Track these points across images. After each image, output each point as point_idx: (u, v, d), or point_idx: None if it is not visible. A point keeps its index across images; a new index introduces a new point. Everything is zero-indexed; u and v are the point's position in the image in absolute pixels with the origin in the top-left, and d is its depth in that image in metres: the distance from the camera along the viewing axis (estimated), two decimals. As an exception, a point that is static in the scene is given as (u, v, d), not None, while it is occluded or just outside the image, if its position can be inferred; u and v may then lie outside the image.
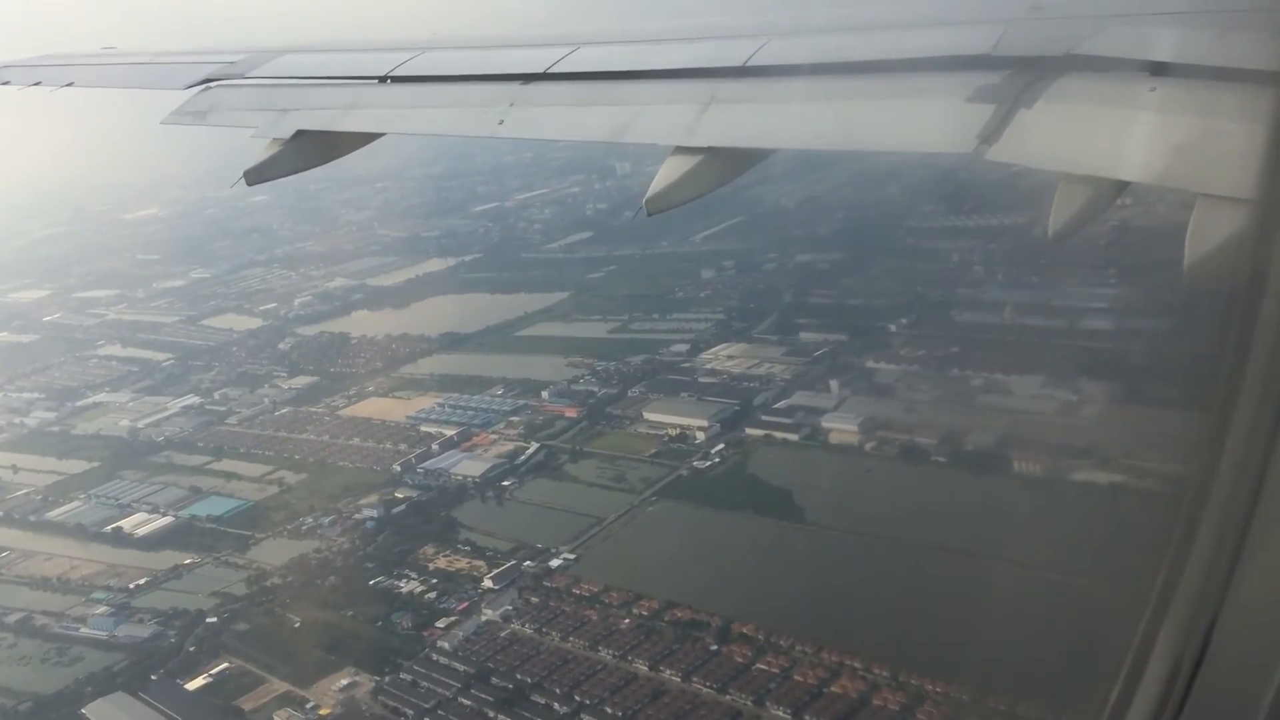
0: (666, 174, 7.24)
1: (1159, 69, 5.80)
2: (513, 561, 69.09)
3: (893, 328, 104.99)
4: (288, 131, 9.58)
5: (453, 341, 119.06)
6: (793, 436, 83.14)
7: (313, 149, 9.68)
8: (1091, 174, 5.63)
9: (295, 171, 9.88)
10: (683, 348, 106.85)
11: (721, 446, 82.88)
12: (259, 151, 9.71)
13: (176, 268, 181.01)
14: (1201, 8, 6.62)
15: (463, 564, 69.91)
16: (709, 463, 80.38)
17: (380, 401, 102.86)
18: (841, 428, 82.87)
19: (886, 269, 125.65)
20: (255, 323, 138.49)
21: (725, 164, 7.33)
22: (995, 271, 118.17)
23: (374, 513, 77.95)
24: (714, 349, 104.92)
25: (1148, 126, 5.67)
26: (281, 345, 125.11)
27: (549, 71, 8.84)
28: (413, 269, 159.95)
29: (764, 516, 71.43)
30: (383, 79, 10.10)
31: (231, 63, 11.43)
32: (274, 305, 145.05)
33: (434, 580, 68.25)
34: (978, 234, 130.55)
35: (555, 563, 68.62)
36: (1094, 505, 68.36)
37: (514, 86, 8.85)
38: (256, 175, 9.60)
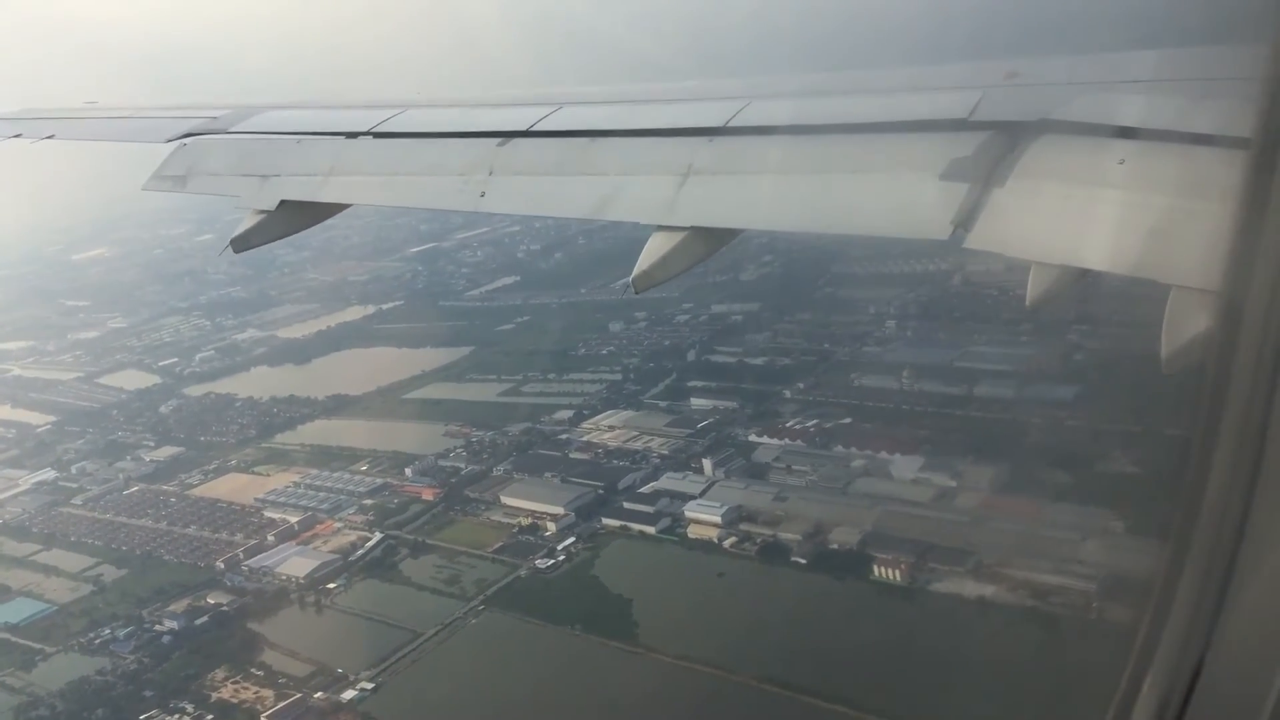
0: (650, 253, 6.80)
1: (1132, 138, 5.62)
2: (300, 694, 59.09)
3: (788, 393, 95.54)
4: (271, 202, 9.13)
5: (338, 405, 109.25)
6: (649, 529, 73.34)
7: (296, 217, 9.20)
8: (1064, 263, 5.38)
9: (280, 238, 9.41)
10: (567, 414, 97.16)
11: (571, 541, 73.08)
12: (243, 219, 9.28)
13: (99, 315, 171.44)
14: (1178, 75, 6.32)
15: (249, 694, 59.93)
16: (552, 562, 70.51)
17: (238, 479, 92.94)
18: (703, 518, 73.08)
19: (798, 323, 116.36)
20: (150, 380, 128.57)
21: (706, 242, 6.88)
22: (908, 326, 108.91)
23: (175, 624, 67.95)
24: (597, 418, 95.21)
25: (1118, 209, 5.43)
26: (163, 408, 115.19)
27: (530, 130, 8.40)
28: (329, 318, 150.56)
29: (592, 634, 61.56)
30: (353, 135, 9.64)
31: (214, 118, 10.98)
32: (175, 360, 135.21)
33: (209, 717, 58.20)
34: (902, 281, 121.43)
35: (349, 695, 58.67)
36: (951, 626, 58.57)
37: (492, 148, 8.40)
38: (242, 243, 9.20)
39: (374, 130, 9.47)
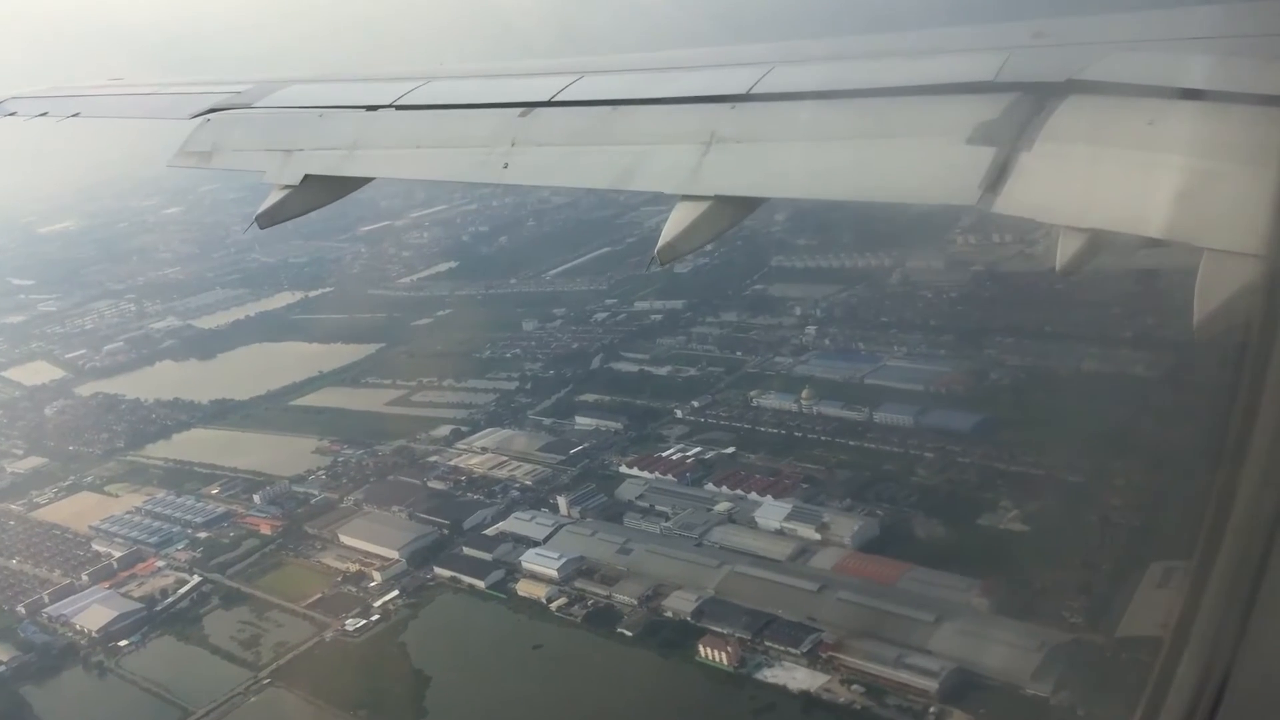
0: (675, 223, 6.45)
1: (1160, 98, 5.35)
2: (31, 790, 51.12)
3: (680, 412, 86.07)
4: (295, 177, 8.82)
5: (219, 411, 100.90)
6: (479, 583, 64.56)
7: (320, 192, 8.86)
8: (1094, 227, 5.08)
9: (305, 213, 8.96)
10: (446, 430, 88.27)
11: (393, 595, 64.43)
12: (269, 193, 8.94)
13: (36, 297, 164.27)
14: (1207, 33, 6.00)
15: (-19, 786, 51.99)
16: (363, 622, 61.85)
17: (86, 499, 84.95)
18: (539, 571, 64.31)
19: (718, 325, 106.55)
20: (52, 375, 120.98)
21: (731, 210, 6.56)
22: (828, 332, 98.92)
23: (-61, 689, 60.12)
24: (473, 437, 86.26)
25: (1148, 171, 5.13)
26: (48, 410, 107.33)
27: (552, 100, 8.05)
28: (254, 305, 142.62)
29: (375, 726, 52.98)
30: (375, 108, 9.32)
31: (237, 93, 10.63)
32: (83, 353, 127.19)
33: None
34: (840, 277, 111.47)
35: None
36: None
37: (514, 119, 8.02)
38: (268, 219, 8.85)
39: (396, 103, 9.15)
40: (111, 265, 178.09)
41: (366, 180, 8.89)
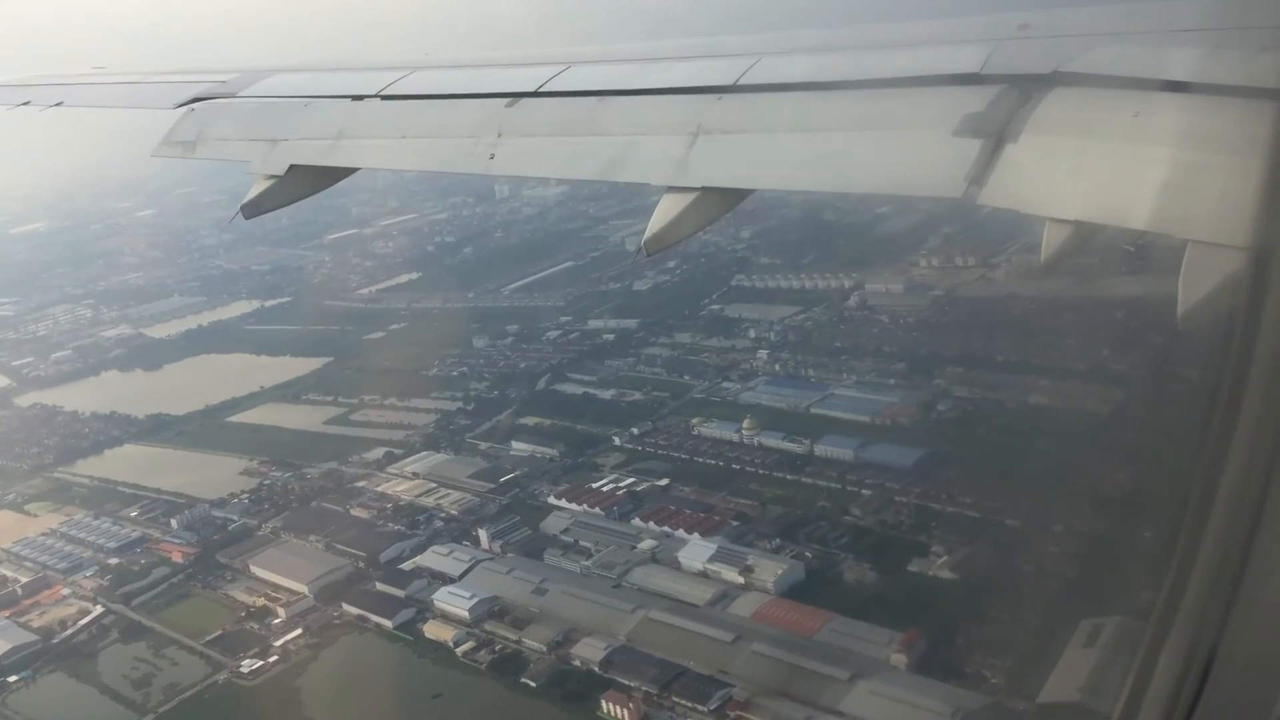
0: (662, 214, 6.44)
1: (1145, 90, 5.29)
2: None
3: (618, 439, 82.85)
4: (280, 167, 8.69)
5: (155, 427, 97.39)
6: (387, 622, 61.28)
7: (306, 182, 8.72)
8: (1080, 219, 5.03)
9: (290, 203, 8.83)
10: (379, 453, 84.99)
11: (296, 634, 61.09)
12: (254, 183, 8.79)
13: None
14: (1193, 25, 6.00)
15: None
16: (259, 664, 58.49)
17: (5, 518, 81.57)
18: (450, 611, 61.14)
19: (670, 346, 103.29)
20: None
21: (717, 202, 6.54)
22: (778, 358, 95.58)
23: None
24: (405, 461, 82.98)
25: (1133, 162, 5.08)
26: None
27: (539, 90, 8.00)
28: (209, 314, 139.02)
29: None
30: (360, 97, 9.07)
31: (221, 82, 10.46)
32: (30, 360, 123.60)
33: None
34: (799, 298, 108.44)
35: None
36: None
37: (501, 109, 7.94)
38: (253, 209, 8.74)
39: (382, 93, 8.98)
40: (74, 269, 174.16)
41: (351, 170, 8.68)
